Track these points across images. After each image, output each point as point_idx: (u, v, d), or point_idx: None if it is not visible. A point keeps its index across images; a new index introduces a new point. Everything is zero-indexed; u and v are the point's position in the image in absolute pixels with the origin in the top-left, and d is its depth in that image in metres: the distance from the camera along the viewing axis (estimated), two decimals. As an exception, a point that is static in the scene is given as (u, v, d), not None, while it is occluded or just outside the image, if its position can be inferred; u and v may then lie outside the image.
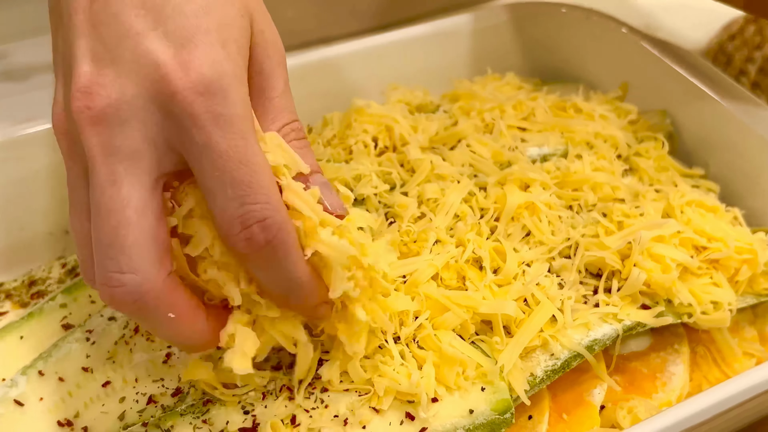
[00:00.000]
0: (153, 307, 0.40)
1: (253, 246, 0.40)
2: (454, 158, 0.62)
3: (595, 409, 0.53)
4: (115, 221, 0.39)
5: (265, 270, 0.42)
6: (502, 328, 0.51)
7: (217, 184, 0.39)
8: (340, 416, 0.49)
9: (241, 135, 0.39)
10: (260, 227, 0.40)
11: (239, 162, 0.39)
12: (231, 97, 0.39)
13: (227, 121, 0.39)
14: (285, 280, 0.42)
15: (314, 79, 0.74)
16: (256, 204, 0.39)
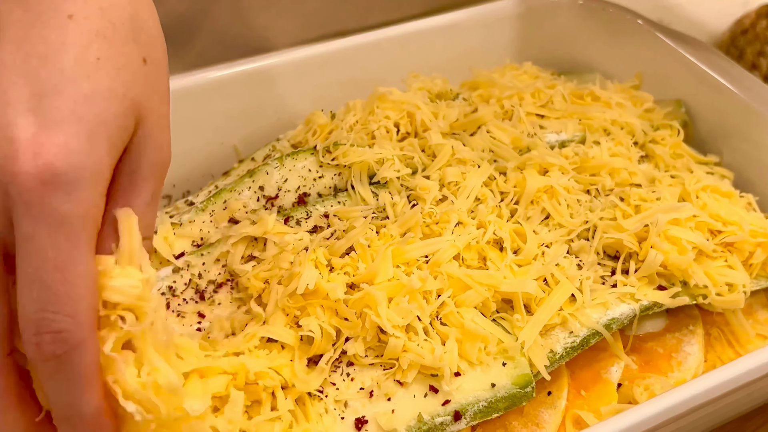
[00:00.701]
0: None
1: (40, 355, 0.36)
2: (475, 143, 0.63)
3: (612, 386, 0.54)
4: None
5: (49, 385, 0.38)
6: (522, 306, 0.53)
7: (25, 280, 0.36)
8: (365, 389, 0.50)
9: (69, 238, 0.36)
10: (52, 338, 0.36)
11: (55, 266, 0.36)
12: (76, 195, 0.36)
13: (60, 220, 0.36)
14: (66, 405, 0.38)
15: (337, 69, 0.75)
16: (56, 314, 0.36)
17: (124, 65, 0.40)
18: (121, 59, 0.40)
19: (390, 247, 0.54)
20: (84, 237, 0.37)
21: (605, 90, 0.71)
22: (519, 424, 0.52)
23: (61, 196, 0.36)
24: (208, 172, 0.72)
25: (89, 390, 0.38)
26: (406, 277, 0.52)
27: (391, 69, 0.76)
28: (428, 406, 0.49)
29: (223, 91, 0.72)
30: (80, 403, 0.38)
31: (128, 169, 0.41)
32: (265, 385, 0.48)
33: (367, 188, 0.60)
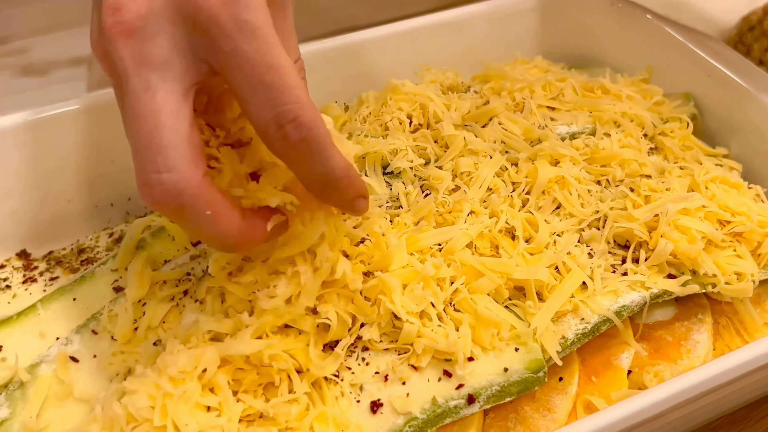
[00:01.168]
0: (191, 205, 0.42)
1: (288, 144, 0.42)
2: (486, 135, 0.64)
3: (623, 373, 0.55)
4: (152, 124, 0.41)
5: (302, 165, 0.44)
6: (534, 293, 0.54)
7: (248, 90, 0.41)
8: (380, 373, 0.51)
9: (265, 40, 0.41)
10: (293, 126, 0.42)
11: (267, 66, 0.41)
12: (253, 5, 0.41)
13: (251, 27, 0.41)
14: (321, 174, 0.44)
15: (349, 63, 0.76)
16: (286, 105, 0.41)
17: None
18: None
19: (404, 236, 0.55)
20: (274, 36, 0.42)
21: (615, 83, 0.72)
22: (531, 409, 0.53)
23: (243, 8, 0.41)
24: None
25: (335, 155, 0.44)
26: (420, 265, 0.53)
27: (402, 63, 0.77)
28: (442, 390, 0.50)
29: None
30: (333, 168, 0.44)
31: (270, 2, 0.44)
32: (279, 368, 0.49)
33: (380, 178, 0.61)
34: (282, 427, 0.48)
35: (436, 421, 0.49)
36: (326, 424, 0.48)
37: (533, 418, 0.53)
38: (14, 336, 0.56)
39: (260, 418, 0.49)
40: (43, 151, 0.67)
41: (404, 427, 0.49)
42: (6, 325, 0.57)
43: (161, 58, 0.42)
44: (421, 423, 0.49)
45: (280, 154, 0.44)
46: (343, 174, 0.45)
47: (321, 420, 0.48)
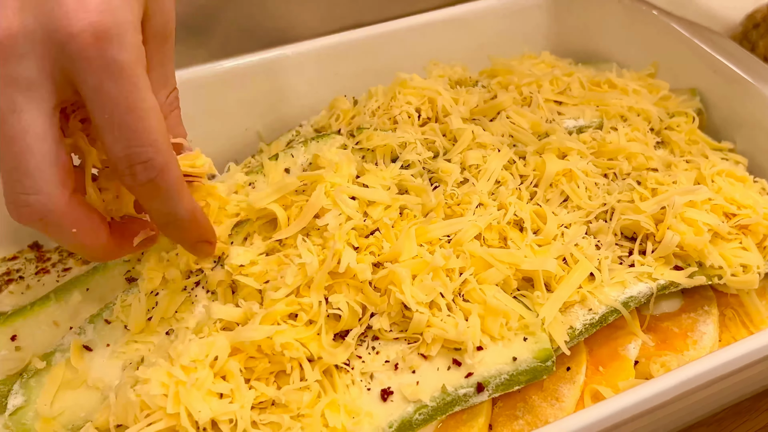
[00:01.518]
0: (57, 224, 0.44)
1: (136, 183, 0.44)
2: (494, 129, 0.65)
3: (630, 363, 0.55)
4: (18, 147, 0.42)
5: (149, 202, 0.46)
6: (543, 284, 0.54)
7: (106, 126, 0.42)
8: (390, 361, 0.52)
9: (131, 81, 0.42)
10: (142, 167, 0.43)
11: (127, 108, 0.42)
12: (126, 43, 0.42)
13: (119, 67, 0.41)
14: (166, 214, 0.47)
15: (358, 58, 0.77)
16: (140, 147, 0.43)
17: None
18: None
19: (413, 227, 0.55)
20: (142, 77, 0.43)
21: (622, 78, 0.73)
22: (539, 398, 0.54)
23: (116, 47, 0.41)
24: (233, 157, 0.74)
25: (182, 199, 0.47)
26: (430, 256, 0.54)
27: (410, 58, 0.78)
28: (452, 379, 0.51)
29: (247, 79, 0.74)
30: (178, 210, 0.47)
31: (153, 32, 0.47)
32: (291, 357, 0.50)
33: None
34: (294, 414, 0.49)
35: (445, 408, 0.50)
36: (337, 412, 0.49)
37: (541, 407, 0.53)
38: (28, 325, 0.57)
39: (272, 405, 0.50)
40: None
41: (414, 415, 0.49)
42: (20, 315, 0.58)
43: (28, 79, 0.42)
44: (431, 411, 0.50)
45: (129, 189, 0.46)
46: (187, 217, 0.48)
47: (332, 407, 0.49)
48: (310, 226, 0.56)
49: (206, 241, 0.52)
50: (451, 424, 0.52)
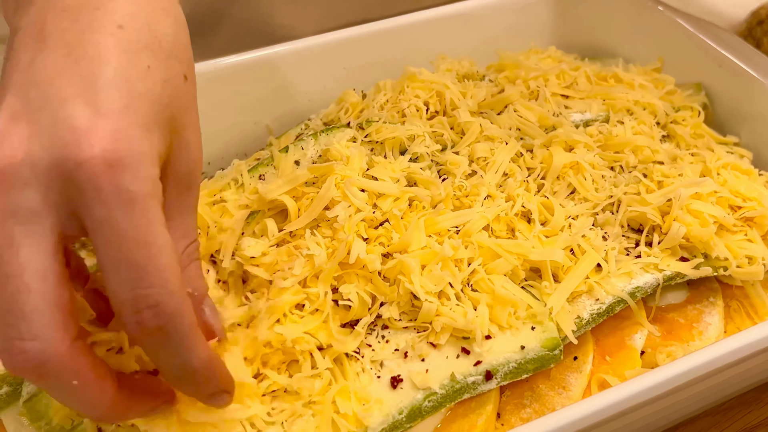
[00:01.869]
0: (55, 374, 0.38)
1: (144, 330, 0.38)
2: (502, 122, 0.65)
3: (636, 353, 0.56)
4: (13, 287, 0.37)
5: (158, 353, 0.40)
6: (550, 274, 0.55)
7: (111, 263, 0.37)
8: (400, 350, 0.52)
9: (144, 214, 0.38)
10: (152, 313, 0.38)
11: (137, 243, 0.37)
12: (140, 174, 0.38)
13: (132, 198, 0.37)
14: (178, 365, 0.41)
15: (365, 53, 0.78)
16: (149, 288, 0.38)
17: (170, 78, 0.42)
18: (168, 72, 0.42)
19: (422, 218, 0.56)
20: (156, 212, 0.38)
21: (628, 72, 0.74)
22: (546, 387, 0.54)
23: (129, 176, 0.37)
24: (242, 150, 0.75)
25: (195, 348, 0.40)
26: (439, 246, 0.54)
27: (417, 53, 0.79)
28: (461, 367, 0.51)
29: (255, 74, 0.74)
30: (191, 361, 0.40)
31: (176, 178, 0.43)
32: (302, 349, 0.51)
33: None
34: (305, 402, 0.50)
35: (454, 396, 0.51)
36: (348, 399, 0.50)
37: (548, 395, 0.54)
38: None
39: (284, 393, 0.50)
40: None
41: (424, 402, 0.50)
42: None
43: (30, 211, 0.37)
44: (440, 398, 0.50)
45: (134, 339, 0.39)
46: (202, 367, 0.41)
47: (343, 394, 0.50)
48: (320, 218, 0.57)
49: (224, 391, 0.44)
50: (459, 411, 0.52)
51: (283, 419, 0.49)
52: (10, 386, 0.54)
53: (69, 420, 0.52)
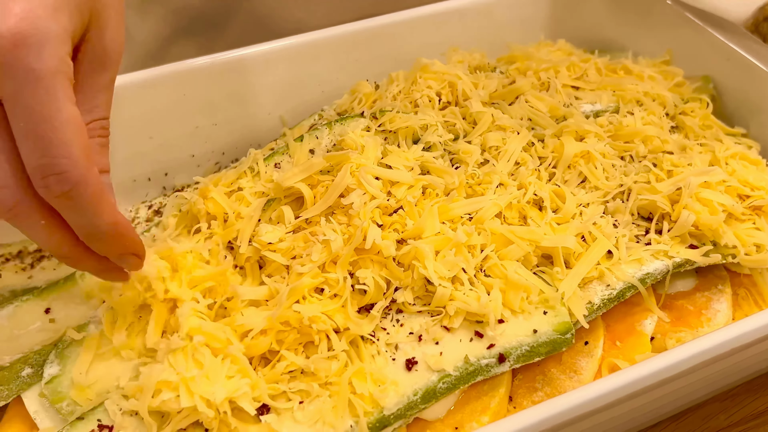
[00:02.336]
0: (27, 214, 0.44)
1: (50, 195, 0.43)
2: (513, 112, 0.66)
3: (646, 338, 0.57)
4: None
5: (68, 216, 0.45)
6: (562, 260, 0.56)
7: (21, 135, 0.42)
8: (414, 333, 0.53)
9: (47, 91, 0.41)
10: (56, 180, 0.42)
11: (42, 117, 0.41)
12: (46, 53, 0.41)
13: (36, 76, 0.41)
14: (87, 227, 0.45)
15: (377, 46, 0.79)
16: (53, 158, 0.42)
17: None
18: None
19: (436, 205, 0.57)
20: (60, 89, 0.42)
21: (637, 64, 0.74)
22: (558, 371, 0.55)
23: (34, 55, 0.41)
24: (256, 141, 0.76)
25: (101, 212, 0.45)
26: (452, 232, 0.55)
27: (428, 46, 0.80)
28: (474, 350, 0.52)
29: (268, 66, 0.75)
30: (98, 223, 0.45)
31: (89, 56, 0.47)
32: (318, 329, 0.52)
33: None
34: (322, 382, 0.51)
35: (468, 378, 0.52)
36: (364, 380, 0.51)
37: (560, 379, 0.55)
38: (61, 299, 0.59)
39: (301, 374, 0.51)
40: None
41: (438, 384, 0.51)
42: (53, 290, 0.59)
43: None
44: (454, 380, 0.51)
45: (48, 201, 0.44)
46: (109, 231, 0.46)
47: (359, 375, 0.51)
48: (335, 205, 0.58)
49: (133, 254, 0.50)
50: (473, 394, 0.53)
51: (300, 399, 0.50)
52: (32, 368, 0.55)
53: (89, 401, 0.53)
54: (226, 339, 0.51)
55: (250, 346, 0.51)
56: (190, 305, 0.54)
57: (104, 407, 0.52)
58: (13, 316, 0.58)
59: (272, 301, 0.54)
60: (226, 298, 0.55)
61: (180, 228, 0.60)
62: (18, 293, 0.61)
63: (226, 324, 0.52)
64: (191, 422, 0.50)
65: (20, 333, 0.57)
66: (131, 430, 0.51)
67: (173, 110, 0.72)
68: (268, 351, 0.52)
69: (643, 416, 0.58)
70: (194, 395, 0.48)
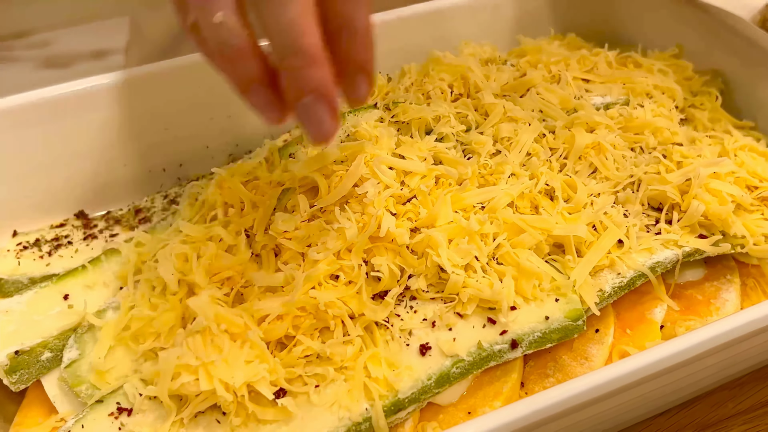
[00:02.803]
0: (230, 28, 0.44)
1: None
2: (525, 104, 0.67)
3: (656, 326, 0.58)
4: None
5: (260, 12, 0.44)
6: (573, 249, 0.57)
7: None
8: (428, 319, 0.54)
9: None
10: None
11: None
12: None
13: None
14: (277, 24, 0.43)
15: (388, 39, 0.79)
16: None
17: None
18: None
19: (449, 194, 0.58)
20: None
21: (647, 58, 0.75)
22: (569, 358, 0.56)
23: None
24: (269, 132, 0.77)
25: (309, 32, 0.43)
26: (465, 221, 0.56)
27: (439, 40, 0.80)
28: (487, 336, 0.53)
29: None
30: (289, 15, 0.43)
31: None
32: (334, 314, 0.53)
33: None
34: (337, 367, 0.51)
35: (481, 363, 0.52)
36: (379, 364, 0.51)
37: (571, 365, 0.56)
38: (80, 285, 0.60)
39: (317, 359, 0.52)
40: (98, 120, 0.70)
41: (452, 368, 0.52)
42: (72, 276, 0.60)
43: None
44: (467, 365, 0.52)
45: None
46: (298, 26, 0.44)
47: (374, 360, 0.52)
48: (349, 194, 0.59)
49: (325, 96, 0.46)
50: (485, 379, 0.54)
51: (316, 383, 0.51)
52: (51, 352, 0.56)
53: (107, 385, 0.54)
54: (244, 324, 0.52)
55: (266, 331, 0.52)
56: (208, 292, 0.54)
57: (123, 391, 0.53)
58: (32, 301, 0.59)
59: (288, 287, 0.55)
60: (242, 285, 0.56)
61: (196, 217, 0.61)
62: (36, 280, 0.62)
63: (244, 310, 0.53)
64: (209, 405, 0.51)
65: (39, 318, 0.58)
66: (150, 413, 0.51)
67: (188, 102, 0.73)
68: (284, 336, 0.53)
69: (653, 403, 0.58)
70: (213, 379, 0.49)
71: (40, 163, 0.70)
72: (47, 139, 0.69)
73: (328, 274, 0.55)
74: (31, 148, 0.69)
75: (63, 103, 0.69)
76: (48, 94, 0.68)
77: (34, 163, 0.69)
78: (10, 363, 0.55)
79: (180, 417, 0.51)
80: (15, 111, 0.68)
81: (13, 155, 0.68)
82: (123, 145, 0.72)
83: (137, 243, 0.60)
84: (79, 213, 0.71)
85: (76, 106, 0.69)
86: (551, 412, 0.47)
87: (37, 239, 0.67)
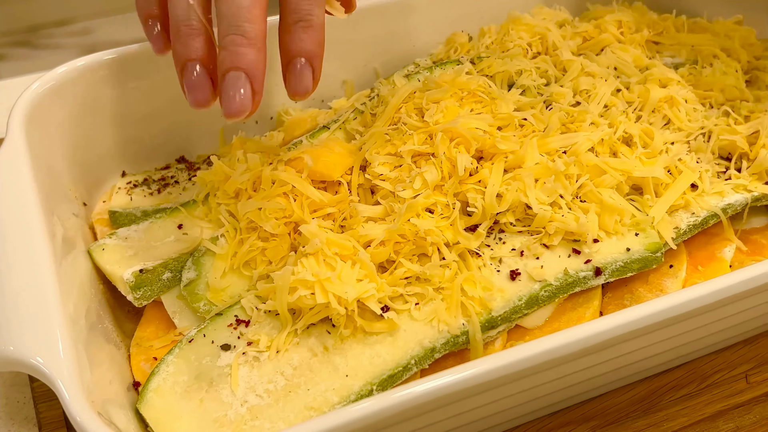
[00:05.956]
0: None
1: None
2: (600, 62, 0.71)
3: (726, 263, 0.62)
4: None
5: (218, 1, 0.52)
6: (652, 189, 0.61)
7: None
8: (516, 249, 0.59)
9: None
10: None
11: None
12: None
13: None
14: (228, 8, 0.51)
15: (465, 5, 0.84)
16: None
17: None
18: None
19: (534, 138, 0.63)
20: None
21: (712, 24, 0.79)
22: (644, 290, 0.60)
23: None
24: (350, 92, 0.82)
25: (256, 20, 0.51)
26: (551, 162, 0.61)
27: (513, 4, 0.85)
28: (572, 264, 0.58)
29: (366, 20, 0.81)
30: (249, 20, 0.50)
31: None
32: (432, 241, 0.57)
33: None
34: (436, 287, 0.56)
35: (567, 289, 0.57)
36: (473, 286, 0.56)
37: (647, 297, 0.60)
38: (192, 217, 0.65)
39: (416, 280, 0.57)
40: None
41: (540, 292, 0.57)
42: (182, 210, 0.65)
43: None
44: (554, 289, 0.57)
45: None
46: (253, 34, 0.52)
47: (469, 282, 0.56)
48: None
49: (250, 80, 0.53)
50: (568, 306, 0.59)
51: (416, 301, 0.56)
52: (171, 272, 0.61)
53: (223, 302, 0.59)
54: (353, 247, 0.57)
55: (371, 254, 0.57)
56: (316, 221, 0.60)
57: (240, 305, 0.58)
58: (149, 230, 0.65)
59: (388, 218, 0.60)
60: (344, 217, 0.61)
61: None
62: (149, 213, 0.68)
63: (351, 235, 0.58)
64: (320, 318, 0.56)
65: (157, 245, 0.63)
66: (266, 324, 0.57)
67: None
68: (386, 261, 0.58)
69: (718, 335, 0.62)
70: (328, 294, 0.54)
71: (144, 112, 0.75)
72: (150, 91, 0.74)
73: (425, 207, 0.60)
74: (134, 99, 0.74)
75: (163, 57, 0.73)
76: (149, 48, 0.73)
77: (139, 113, 0.75)
78: (135, 280, 0.60)
79: (294, 328, 0.56)
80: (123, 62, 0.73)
81: (121, 104, 0.74)
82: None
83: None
84: (180, 158, 0.76)
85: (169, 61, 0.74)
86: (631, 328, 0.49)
87: (145, 179, 0.72)
